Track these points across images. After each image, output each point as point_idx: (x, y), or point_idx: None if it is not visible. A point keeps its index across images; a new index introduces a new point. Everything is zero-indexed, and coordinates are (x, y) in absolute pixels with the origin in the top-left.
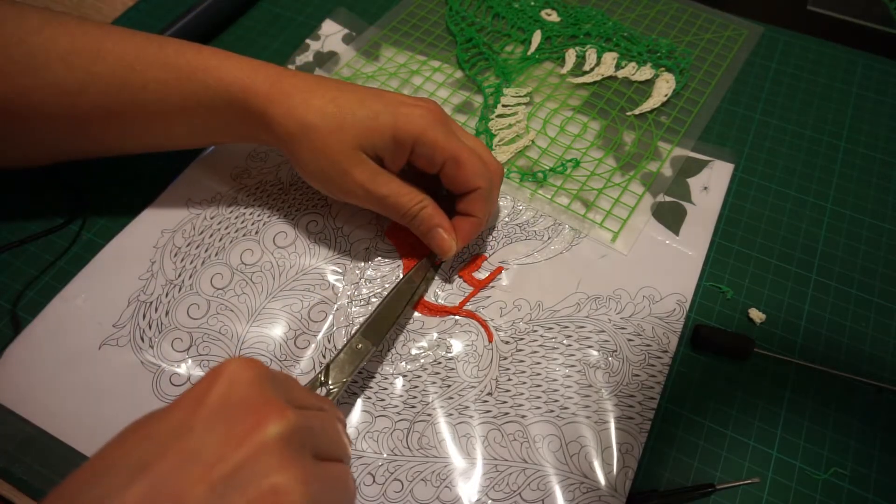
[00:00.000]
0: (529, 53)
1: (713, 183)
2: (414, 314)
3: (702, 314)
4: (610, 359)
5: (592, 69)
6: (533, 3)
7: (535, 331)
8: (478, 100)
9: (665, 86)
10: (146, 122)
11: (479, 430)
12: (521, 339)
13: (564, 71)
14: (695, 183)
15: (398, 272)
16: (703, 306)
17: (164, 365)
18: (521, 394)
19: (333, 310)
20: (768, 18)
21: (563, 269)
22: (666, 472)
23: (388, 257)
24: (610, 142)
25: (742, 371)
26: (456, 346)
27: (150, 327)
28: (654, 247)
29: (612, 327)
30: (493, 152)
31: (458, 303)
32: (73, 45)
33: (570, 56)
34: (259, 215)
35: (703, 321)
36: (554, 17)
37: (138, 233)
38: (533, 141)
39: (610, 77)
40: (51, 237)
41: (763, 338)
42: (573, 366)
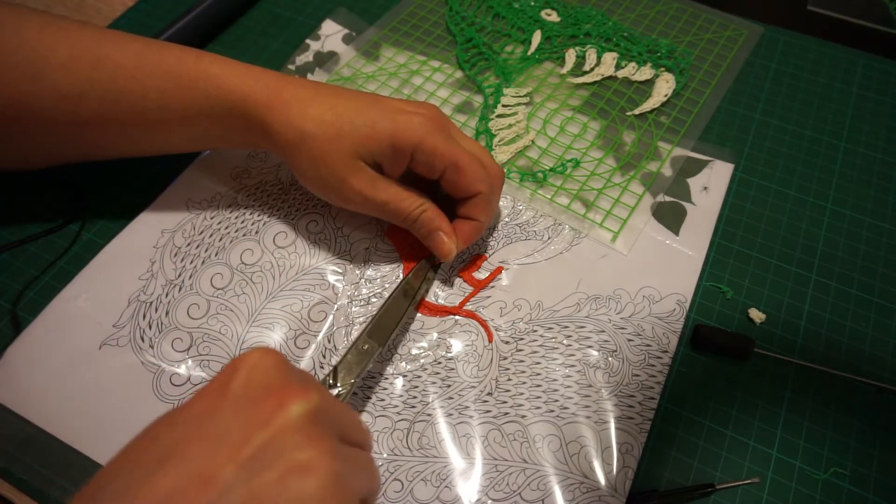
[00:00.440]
0: (529, 53)
1: (713, 183)
2: (415, 314)
3: (702, 314)
4: (610, 359)
5: (592, 69)
6: (533, 3)
7: (535, 331)
8: (478, 100)
9: (665, 86)
10: (146, 128)
11: (479, 430)
12: (521, 339)
13: (564, 71)
14: (695, 183)
15: (398, 272)
16: (703, 306)
17: (164, 365)
18: (521, 394)
19: (333, 310)
20: (768, 18)
21: (563, 269)
22: (666, 472)
23: (388, 257)
24: (610, 142)
25: (742, 371)
26: (456, 346)
27: (151, 327)
28: (654, 247)
29: (611, 327)
30: (492, 152)
31: (458, 303)
32: (72, 51)
33: (570, 56)
34: (259, 215)
35: (703, 321)
36: (554, 17)
37: (138, 233)
38: (533, 141)
39: (610, 77)
40: (51, 237)
41: (763, 338)
42: (573, 366)
